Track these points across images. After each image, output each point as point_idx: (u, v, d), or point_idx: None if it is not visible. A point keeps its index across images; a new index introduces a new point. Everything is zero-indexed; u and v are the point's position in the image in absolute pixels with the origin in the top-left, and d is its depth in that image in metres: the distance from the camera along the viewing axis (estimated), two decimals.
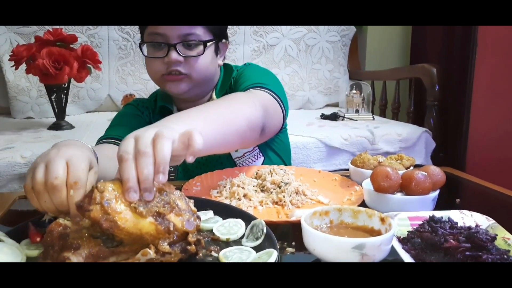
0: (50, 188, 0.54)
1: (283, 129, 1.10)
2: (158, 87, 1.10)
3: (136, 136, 0.53)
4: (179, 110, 1.08)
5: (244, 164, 1.06)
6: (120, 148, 0.53)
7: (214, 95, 1.09)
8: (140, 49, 1.00)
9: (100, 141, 0.96)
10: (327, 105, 2.57)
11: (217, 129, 0.71)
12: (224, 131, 0.73)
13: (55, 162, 0.55)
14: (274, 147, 1.11)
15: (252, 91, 0.93)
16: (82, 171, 0.55)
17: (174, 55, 0.95)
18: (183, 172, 1.07)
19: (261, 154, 1.08)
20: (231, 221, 0.64)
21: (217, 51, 1.04)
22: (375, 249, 0.51)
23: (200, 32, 0.97)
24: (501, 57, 2.04)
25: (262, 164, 1.07)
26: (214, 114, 0.73)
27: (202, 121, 0.68)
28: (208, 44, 0.98)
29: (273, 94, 0.94)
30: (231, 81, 1.08)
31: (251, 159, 1.07)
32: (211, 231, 0.62)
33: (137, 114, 1.09)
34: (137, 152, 0.51)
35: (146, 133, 0.53)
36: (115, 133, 0.97)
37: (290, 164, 1.16)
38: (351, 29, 2.61)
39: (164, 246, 0.51)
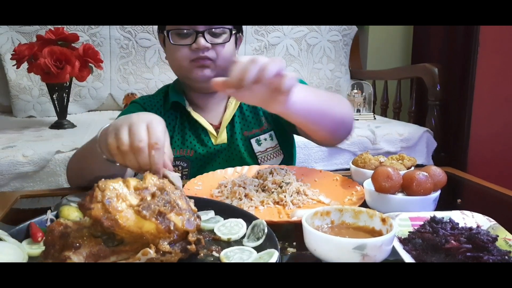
0: (135, 150, 0.62)
1: None
2: (157, 87, 1.11)
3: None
4: (191, 104, 1.09)
5: (265, 159, 1.08)
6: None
7: None
8: (166, 37, 1.01)
9: None
10: None
11: (323, 101, 0.83)
12: (327, 107, 0.83)
13: (139, 126, 0.62)
14: (292, 147, 1.15)
15: None
16: (161, 132, 0.63)
17: (202, 41, 0.97)
18: (197, 166, 1.05)
19: (281, 152, 1.10)
20: (232, 221, 0.64)
21: (236, 43, 1.07)
22: (376, 250, 0.51)
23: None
24: (503, 57, 2.03)
25: (281, 163, 1.09)
26: (325, 94, 0.89)
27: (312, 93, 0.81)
28: (233, 31, 1.01)
29: None
30: None
31: (272, 155, 1.09)
32: (212, 231, 0.62)
33: None
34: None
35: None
36: None
37: (294, 164, 1.17)
38: (352, 29, 2.61)
39: (165, 245, 0.51)
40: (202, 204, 0.67)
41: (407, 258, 0.53)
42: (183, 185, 0.75)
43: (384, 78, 2.41)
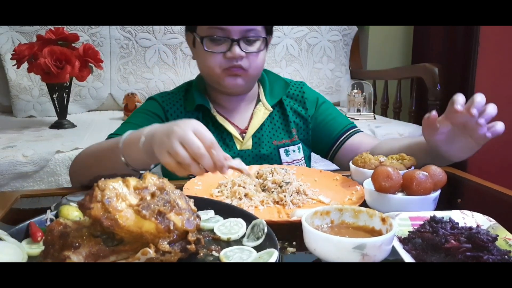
0: (199, 157, 0.64)
1: None
2: (157, 87, 1.11)
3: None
4: (216, 105, 1.08)
5: None
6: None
7: (263, 99, 1.10)
8: (199, 42, 0.99)
9: (110, 137, 0.97)
10: None
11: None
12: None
13: (189, 135, 0.65)
14: (310, 161, 1.17)
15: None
16: (208, 133, 0.66)
17: (237, 50, 0.96)
18: None
19: (304, 165, 1.12)
20: (232, 220, 0.64)
21: (267, 46, 1.06)
22: (375, 249, 0.51)
23: (259, 27, 0.99)
24: (503, 56, 2.03)
25: None
26: None
27: None
28: (267, 39, 1.02)
29: None
30: (294, 93, 1.13)
31: None
32: (212, 230, 0.62)
33: (157, 114, 1.05)
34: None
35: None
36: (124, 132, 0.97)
37: None
38: (352, 29, 2.60)
39: (164, 245, 0.51)
40: (202, 203, 0.67)
41: (407, 258, 0.53)
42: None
43: (384, 78, 2.41)
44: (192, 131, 0.65)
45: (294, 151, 1.10)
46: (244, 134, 1.07)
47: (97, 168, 0.85)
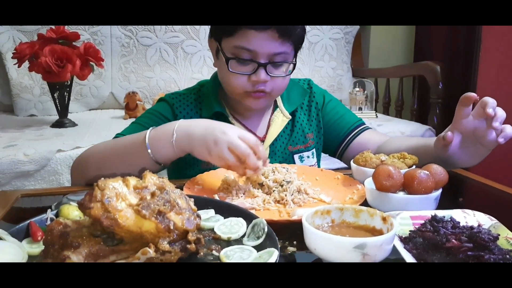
0: (246, 156, 0.76)
1: None
2: (159, 85, 1.09)
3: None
4: (232, 111, 1.05)
5: None
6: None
7: (281, 106, 1.07)
8: (223, 57, 0.94)
9: (117, 137, 0.96)
10: None
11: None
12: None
13: (238, 142, 0.76)
14: (319, 162, 1.16)
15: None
16: (250, 135, 0.78)
17: (263, 74, 0.92)
18: None
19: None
20: (232, 220, 0.64)
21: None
22: (376, 249, 0.51)
23: (288, 49, 0.95)
24: (505, 55, 2.02)
25: None
26: None
27: None
28: (294, 62, 0.98)
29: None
30: (309, 99, 1.12)
31: None
32: (212, 230, 0.62)
33: (167, 117, 1.02)
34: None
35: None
36: (133, 132, 0.95)
37: None
38: (354, 27, 2.60)
39: (164, 244, 0.51)
40: (202, 203, 0.67)
41: (408, 257, 0.53)
42: None
43: (386, 76, 2.41)
44: (238, 136, 0.76)
45: (308, 157, 1.09)
46: (262, 143, 1.03)
47: (115, 164, 0.85)
